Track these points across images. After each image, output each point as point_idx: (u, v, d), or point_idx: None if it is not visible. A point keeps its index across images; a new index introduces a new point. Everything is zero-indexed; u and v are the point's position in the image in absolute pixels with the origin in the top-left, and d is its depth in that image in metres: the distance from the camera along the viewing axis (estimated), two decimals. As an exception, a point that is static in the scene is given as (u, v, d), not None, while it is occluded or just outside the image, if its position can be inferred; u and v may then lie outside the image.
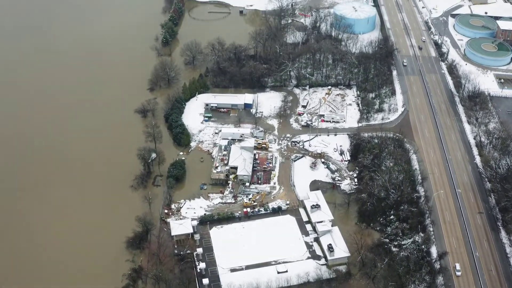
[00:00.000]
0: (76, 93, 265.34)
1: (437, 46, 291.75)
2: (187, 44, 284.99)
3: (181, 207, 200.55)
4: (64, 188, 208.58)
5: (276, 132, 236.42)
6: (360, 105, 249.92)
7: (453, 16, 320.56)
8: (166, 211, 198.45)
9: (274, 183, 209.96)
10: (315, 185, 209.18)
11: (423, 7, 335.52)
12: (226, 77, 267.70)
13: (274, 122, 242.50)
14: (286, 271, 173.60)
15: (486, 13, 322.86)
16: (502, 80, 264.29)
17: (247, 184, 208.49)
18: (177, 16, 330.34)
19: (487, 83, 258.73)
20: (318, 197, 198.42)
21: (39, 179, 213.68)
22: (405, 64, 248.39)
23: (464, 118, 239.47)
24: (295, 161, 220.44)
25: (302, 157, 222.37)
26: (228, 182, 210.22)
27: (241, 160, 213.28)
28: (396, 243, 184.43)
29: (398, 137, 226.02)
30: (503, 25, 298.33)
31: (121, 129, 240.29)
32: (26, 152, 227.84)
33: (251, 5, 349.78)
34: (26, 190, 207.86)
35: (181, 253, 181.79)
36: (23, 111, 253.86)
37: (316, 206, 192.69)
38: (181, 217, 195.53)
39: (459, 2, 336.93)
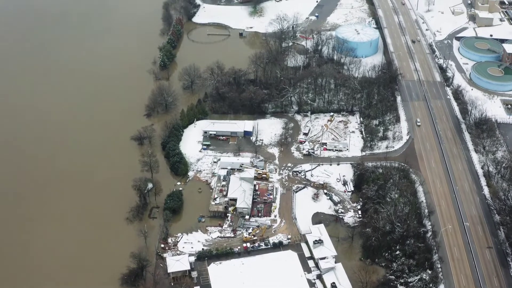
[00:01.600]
0: (71, 118, 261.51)
1: (442, 70, 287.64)
2: (185, 68, 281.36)
3: (178, 241, 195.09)
4: (55, 222, 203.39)
5: (277, 161, 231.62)
6: (363, 132, 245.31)
7: (458, 39, 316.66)
8: (162, 245, 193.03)
9: (275, 216, 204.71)
10: (317, 218, 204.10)
11: (426, 29, 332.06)
12: (225, 103, 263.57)
13: (275, 151, 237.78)
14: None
15: (491, 35, 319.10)
16: (510, 106, 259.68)
17: (247, 217, 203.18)
18: (175, 39, 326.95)
19: (494, 109, 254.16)
20: (320, 231, 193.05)
21: (30, 212, 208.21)
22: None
23: (471, 146, 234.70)
24: (296, 192, 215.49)
25: (304, 188, 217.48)
26: (227, 214, 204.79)
27: (241, 192, 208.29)
28: (402, 281, 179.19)
29: (403, 167, 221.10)
30: (510, 48, 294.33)
31: (117, 157, 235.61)
32: (16, 184, 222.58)
33: (251, 27, 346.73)
34: (16, 224, 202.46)
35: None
36: (16, 136, 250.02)
37: (318, 242, 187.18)
38: (178, 252, 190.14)
39: (464, 25, 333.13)
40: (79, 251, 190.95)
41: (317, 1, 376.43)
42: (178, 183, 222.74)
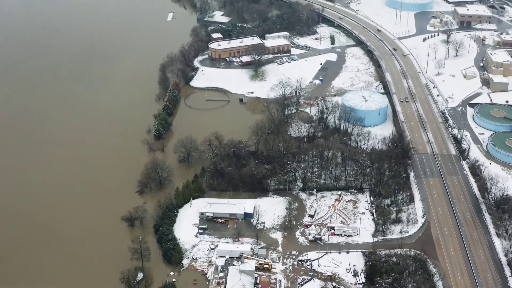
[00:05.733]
0: (55, 198, 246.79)
1: (457, 141, 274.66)
2: (181, 140, 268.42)
3: None
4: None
5: (280, 249, 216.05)
6: (374, 214, 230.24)
7: (472, 105, 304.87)
8: None
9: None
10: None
11: (438, 95, 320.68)
12: (224, 180, 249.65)
13: (278, 236, 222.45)
14: None
15: (507, 101, 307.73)
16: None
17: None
18: (171, 105, 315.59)
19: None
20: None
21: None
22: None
23: (492, 230, 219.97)
24: (302, 285, 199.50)
25: (310, 280, 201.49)
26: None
27: (240, 286, 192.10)
28: None
29: (420, 256, 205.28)
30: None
31: (106, 242, 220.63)
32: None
33: (252, 92, 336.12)
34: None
35: None
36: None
37: None
38: None
39: (477, 90, 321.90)
40: None
41: (321, 64, 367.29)
42: (172, 273, 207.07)
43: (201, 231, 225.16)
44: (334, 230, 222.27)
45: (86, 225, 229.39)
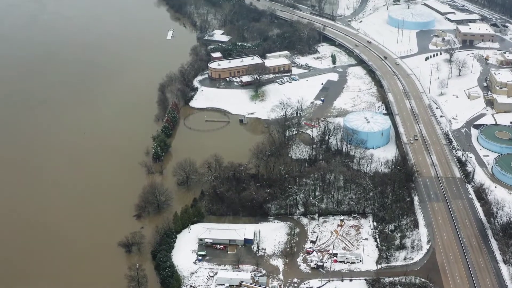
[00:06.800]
0: (51, 221, 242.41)
1: (461, 163, 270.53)
2: (180, 163, 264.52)
3: None
4: None
5: (281, 276, 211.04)
6: (378, 240, 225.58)
7: (476, 127, 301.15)
8: None
9: None
10: None
11: (441, 116, 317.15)
12: (223, 204, 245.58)
13: (279, 263, 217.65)
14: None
15: (511, 122, 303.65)
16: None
17: None
18: (170, 126, 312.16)
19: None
20: None
21: None
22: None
23: (499, 256, 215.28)
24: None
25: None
26: None
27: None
28: None
29: (425, 284, 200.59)
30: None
31: (100, 270, 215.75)
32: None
33: (252, 113, 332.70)
34: None
35: None
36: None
37: None
38: None
39: (481, 110, 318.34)
40: None
41: (322, 83, 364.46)
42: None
43: (200, 257, 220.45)
44: (336, 256, 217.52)
45: (82, 251, 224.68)
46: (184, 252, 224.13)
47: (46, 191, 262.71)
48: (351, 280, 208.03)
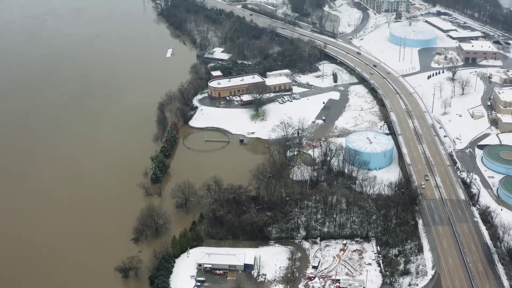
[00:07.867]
0: (46, 244, 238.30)
1: (466, 185, 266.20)
2: (179, 185, 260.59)
3: None
4: None
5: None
6: (381, 265, 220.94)
7: (481, 147, 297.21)
8: None
9: None
10: None
11: (445, 136, 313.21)
12: (223, 227, 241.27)
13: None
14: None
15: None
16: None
17: None
18: (169, 146, 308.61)
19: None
20: None
21: None
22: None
23: (506, 282, 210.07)
24: None
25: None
26: None
27: None
28: None
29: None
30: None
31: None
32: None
33: (253, 133, 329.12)
34: None
35: None
36: None
37: None
38: None
39: (485, 130, 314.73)
40: None
41: (323, 102, 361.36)
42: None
43: (199, 283, 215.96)
44: (339, 283, 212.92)
45: (77, 275, 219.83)
46: (182, 278, 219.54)
47: (41, 212, 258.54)
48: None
